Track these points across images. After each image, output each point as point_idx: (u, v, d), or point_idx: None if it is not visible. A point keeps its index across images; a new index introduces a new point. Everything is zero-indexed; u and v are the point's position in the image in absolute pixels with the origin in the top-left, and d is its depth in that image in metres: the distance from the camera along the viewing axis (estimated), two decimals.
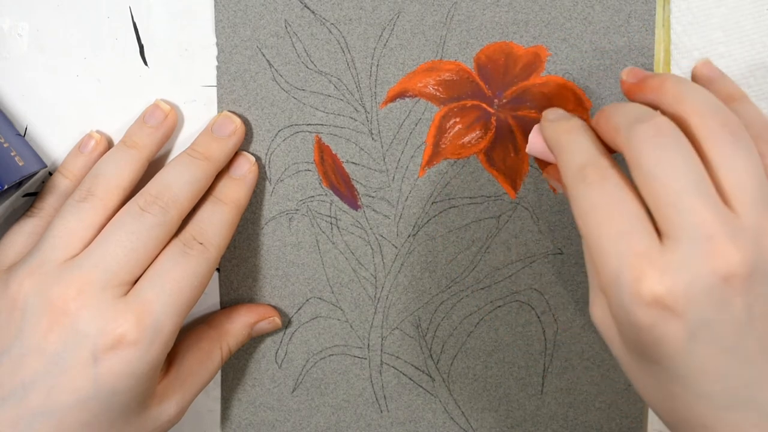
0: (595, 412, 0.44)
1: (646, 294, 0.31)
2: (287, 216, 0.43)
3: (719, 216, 0.31)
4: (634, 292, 0.31)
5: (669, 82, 0.34)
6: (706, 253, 0.30)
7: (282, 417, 0.45)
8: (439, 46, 0.41)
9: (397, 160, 0.42)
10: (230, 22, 0.41)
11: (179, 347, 0.41)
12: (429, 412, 0.45)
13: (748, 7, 0.41)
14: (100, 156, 0.41)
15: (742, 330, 0.31)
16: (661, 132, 0.32)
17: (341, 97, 0.42)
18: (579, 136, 0.35)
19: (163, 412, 0.39)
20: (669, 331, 0.31)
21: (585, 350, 0.44)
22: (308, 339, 0.44)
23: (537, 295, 0.43)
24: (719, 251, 0.30)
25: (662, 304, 0.31)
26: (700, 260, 0.30)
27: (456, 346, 0.44)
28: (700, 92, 0.34)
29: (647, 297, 0.31)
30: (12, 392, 0.35)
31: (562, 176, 0.35)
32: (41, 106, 0.43)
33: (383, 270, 0.43)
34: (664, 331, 0.31)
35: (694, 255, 0.30)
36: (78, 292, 0.36)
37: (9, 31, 0.42)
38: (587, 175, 0.33)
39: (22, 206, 0.43)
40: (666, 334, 0.31)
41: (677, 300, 0.31)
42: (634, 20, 0.41)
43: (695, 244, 0.31)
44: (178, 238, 0.38)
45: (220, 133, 0.41)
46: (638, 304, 0.31)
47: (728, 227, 0.31)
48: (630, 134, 0.33)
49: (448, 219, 0.43)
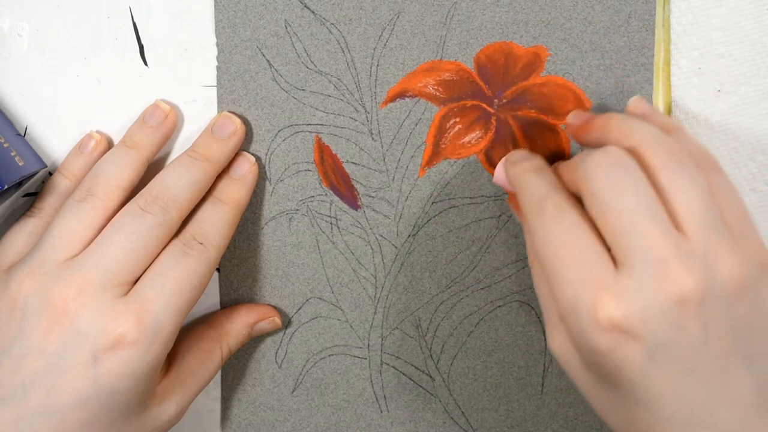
0: (595, 413, 0.44)
1: (603, 319, 0.32)
2: (287, 216, 0.43)
3: (671, 240, 0.32)
4: (591, 318, 0.32)
5: (613, 119, 0.36)
6: (660, 277, 0.31)
7: (282, 417, 0.45)
8: (439, 46, 0.41)
9: (397, 160, 0.42)
10: (230, 22, 0.41)
11: (179, 347, 0.41)
12: (429, 412, 0.45)
13: (748, 7, 0.41)
14: (100, 156, 0.41)
15: (698, 352, 0.32)
16: (612, 160, 0.33)
17: (341, 97, 0.42)
18: (538, 174, 0.37)
19: (163, 412, 0.39)
20: (627, 355, 0.32)
21: None
22: (308, 339, 0.44)
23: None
24: (672, 275, 0.31)
25: (619, 329, 0.32)
26: (653, 285, 0.31)
27: (456, 346, 0.44)
28: (644, 125, 0.35)
29: (604, 322, 0.32)
30: (12, 392, 0.36)
31: (523, 211, 0.36)
32: (41, 106, 0.43)
33: (383, 270, 0.44)
34: (623, 355, 0.32)
35: (647, 280, 0.31)
36: (78, 292, 0.36)
37: (9, 31, 0.42)
38: (545, 208, 0.35)
39: (22, 206, 0.43)
40: (625, 357, 0.32)
41: (633, 324, 0.31)
42: (634, 20, 0.41)
43: (648, 268, 0.31)
44: (178, 238, 0.38)
45: (220, 133, 0.41)
46: (596, 330, 0.32)
47: (680, 251, 0.32)
48: (583, 166, 0.34)
49: (448, 219, 0.43)
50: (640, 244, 0.32)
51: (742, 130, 0.41)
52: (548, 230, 0.34)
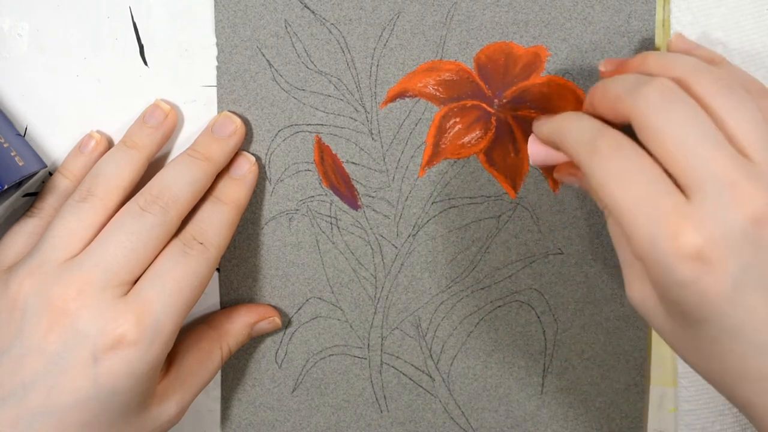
0: (595, 412, 0.44)
1: (686, 247, 0.31)
2: (287, 216, 0.43)
3: (738, 163, 0.31)
4: (673, 249, 0.31)
5: (650, 56, 0.35)
6: (733, 200, 0.31)
7: (282, 417, 0.45)
8: (439, 46, 0.41)
9: (397, 160, 0.42)
10: (230, 22, 0.41)
11: (179, 347, 0.41)
12: (429, 412, 0.45)
13: (748, 7, 0.41)
14: (101, 156, 0.41)
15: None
16: (666, 91, 0.33)
17: (341, 97, 0.42)
18: (579, 118, 0.36)
19: (163, 412, 0.39)
20: (713, 283, 0.31)
21: (585, 350, 0.44)
22: (308, 339, 0.44)
23: (537, 295, 0.43)
24: (745, 197, 0.31)
25: (703, 257, 0.31)
26: (729, 208, 0.31)
27: (456, 346, 0.44)
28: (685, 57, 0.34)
29: (688, 250, 0.31)
30: (12, 392, 0.35)
31: (574, 157, 0.35)
32: (41, 106, 0.43)
33: (383, 270, 0.44)
34: (709, 284, 0.31)
35: (722, 204, 0.31)
36: (78, 292, 0.36)
37: (9, 31, 0.42)
38: (599, 147, 0.33)
39: (22, 206, 0.43)
40: (710, 286, 0.31)
41: (717, 249, 0.31)
42: (634, 20, 0.41)
43: (721, 193, 0.31)
44: (178, 238, 0.38)
45: (220, 133, 0.41)
46: (680, 261, 0.31)
47: (748, 172, 0.31)
48: (635, 99, 0.33)
49: (448, 219, 0.43)
50: (708, 170, 0.31)
51: None
52: (609, 170, 0.33)
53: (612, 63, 0.38)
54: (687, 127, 0.32)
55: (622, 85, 0.34)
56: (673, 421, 0.44)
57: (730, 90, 0.33)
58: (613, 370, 0.44)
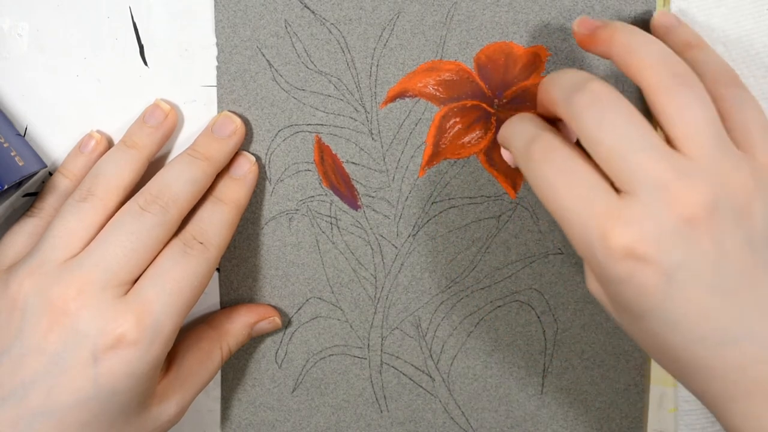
0: (595, 412, 0.44)
1: (616, 247, 0.32)
2: (287, 216, 0.43)
3: (669, 163, 0.32)
4: (605, 248, 0.32)
5: (619, 32, 0.35)
6: (665, 199, 0.31)
7: (282, 417, 0.45)
8: (439, 46, 0.41)
9: (397, 160, 0.42)
10: (230, 22, 0.41)
11: (179, 347, 0.41)
12: (429, 412, 0.45)
13: (748, 7, 0.41)
14: (101, 156, 0.41)
15: (717, 267, 0.32)
16: (597, 97, 0.33)
17: (341, 97, 0.42)
18: (520, 121, 0.36)
19: (163, 412, 0.39)
20: (647, 279, 0.32)
21: (585, 350, 0.44)
22: (308, 339, 0.44)
23: (537, 295, 0.43)
24: (676, 196, 0.31)
25: (634, 255, 0.32)
26: (659, 207, 0.31)
27: (456, 346, 0.44)
28: (649, 43, 0.34)
29: (618, 250, 0.32)
30: (12, 392, 0.35)
31: (516, 162, 0.36)
32: (41, 106, 0.43)
33: (383, 270, 0.43)
34: (643, 280, 0.32)
35: (653, 203, 0.31)
36: (78, 292, 0.36)
37: (9, 31, 0.42)
38: (533, 152, 0.34)
39: (22, 206, 0.43)
40: (645, 282, 0.32)
41: (646, 248, 0.31)
42: (634, 20, 0.41)
43: (653, 193, 0.32)
44: (178, 237, 0.38)
45: (220, 133, 0.41)
46: (612, 259, 0.32)
47: (681, 171, 0.32)
48: (569, 105, 0.34)
49: (448, 219, 0.43)
50: (639, 172, 0.32)
51: None
52: (541, 175, 0.34)
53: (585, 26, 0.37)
54: (618, 131, 0.32)
55: (559, 89, 0.35)
56: (673, 421, 0.44)
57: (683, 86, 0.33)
58: (613, 370, 0.44)
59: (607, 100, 0.33)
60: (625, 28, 0.35)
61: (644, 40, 0.35)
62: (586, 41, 0.37)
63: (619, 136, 0.32)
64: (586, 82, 0.34)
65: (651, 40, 0.35)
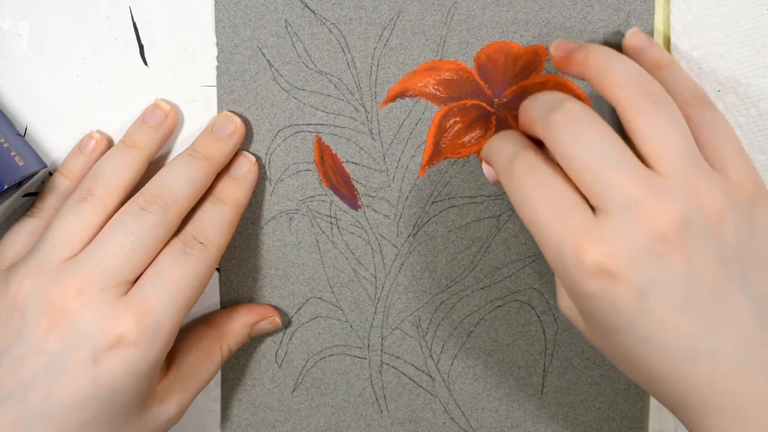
0: (595, 412, 0.44)
1: (588, 264, 0.32)
2: (287, 216, 0.43)
3: (642, 181, 0.32)
4: (577, 264, 0.33)
5: (593, 54, 0.36)
6: (636, 217, 0.32)
7: (282, 417, 0.45)
8: (439, 46, 0.41)
9: (397, 160, 0.42)
10: (230, 22, 0.41)
11: (179, 347, 0.41)
12: (429, 412, 0.45)
13: (748, 7, 0.41)
14: (101, 156, 0.41)
15: (689, 283, 0.32)
16: (572, 116, 0.34)
17: (341, 96, 0.42)
18: (503, 138, 0.37)
19: (163, 412, 0.39)
20: (619, 295, 0.32)
21: (585, 350, 0.44)
22: (308, 339, 0.44)
23: (537, 295, 0.43)
24: (648, 213, 0.32)
25: (605, 272, 0.32)
26: (631, 225, 0.32)
27: (456, 346, 0.44)
28: (622, 64, 0.35)
29: (590, 266, 0.32)
30: (12, 392, 0.35)
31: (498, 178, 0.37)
32: (41, 106, 0.43)
33: (383, 270, 0.43)
34: (615, 296, 0.32)
35: (625, 221, 0.32)
36: (78, 292, 0.36)
37: (9, 31, 0.42)
38: (514, 169, 0.35)
39: (22, 206, 0.43)
40: (617, 298, 0.32)
41: (618, 265, 0.32)
42: (633, 19, 0.41)
43: (625, 211, 0.32)
44: (178, 237, 0.38)
45: (220, 133, 0.41)
46: (584, 275, 0.33)
47: (653, 189, 0.32)
48: (545, 125, 0.35)
49: (448, 219, 0.43)
50: (612, 191, 0.32)
51: (741, 130, 0.41)
52: (521, 191, 0.35)
53: (561, 48, 0.38)
54: (591, 149, 0.33)
55: (537, 109, 0.35)
56: (673, 421, 0.44)
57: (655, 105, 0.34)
58: (613, 370, 0.44)
59: (582, 119, 0.34)
60: (598, 50, 0.36)
61: (617, 60, 0.35)
62: (562, 63, 0.38)
63: (592, 155, 0.33)
64: (562, 103, 0.34)
65: (624, 60, 0.35)
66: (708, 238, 0.32)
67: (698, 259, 0.32)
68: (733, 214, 0.33)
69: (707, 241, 0.32)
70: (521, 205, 0.35)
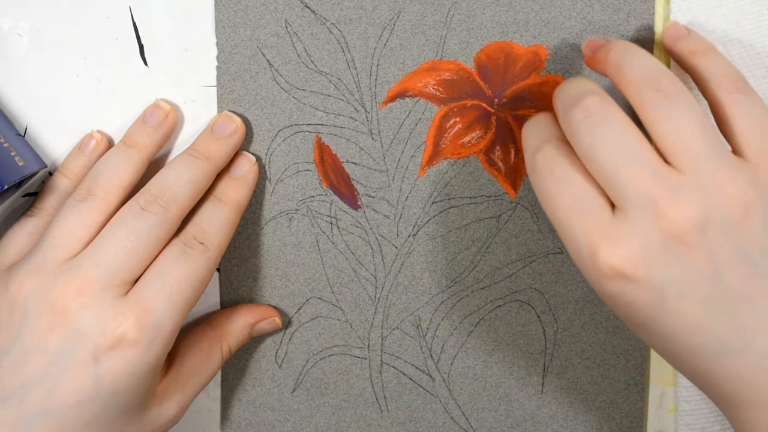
0: (595, 412, 0.44)
1: (604, 267, 0.32)
2: (287, 216, 0.43)
3: (659, 179, 0.32)
4: (594, 266, 0.32)
5: (612, 52, 0.36)
6: (653, 216, 0.32)
7: (282, 417, 0.45)
8: (439, 46, 0.41)
9: (397, 160, 0.42)
10: (230, 22, 0.41)
11: (179, 347, 0.41)
12: (429, 412, 0.45)
13: (748, 7, 0.41)
14: (101, 156, 0.41)
15: (712, 280, 0.32)
16: (590, 113, 0.33)
17: (341, 97, 0.42)
18: (531, 129, 0.37)
19: (163, 412, 0.39)
20: (638, 297, 0.32)
21: (585, 350, 0.44)
22: (308, 339, 0.44)
23: (537, 295, 0.43)
24: (664, 212, 0.31)
25: (622, 274, 0.32)
26: (648, 225, 0.32)
27: (456, 346, 0.44)
28: (637, 60, 0.35)
29: (606, 270, 0.32)
30: (12, 392, 0.35)
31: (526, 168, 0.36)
32: (41, 106, 0.43)
33: (383, 270, 0.44)
34: (634, 297, 0.32)
35: (641, 221, 0.32)
36: (78, 292, 0.36)
37: (9, 31, 0.42)
38: (537, 163, 0.35)
39: (22, 206, 0.43)
40: (636, 299, 0.32)
41: (635, 268, 0.32)
42: (633, 19, 0.41)
43: (641, 210, 0.32)
44: (178, 237, 0.38)
45: (220, 132, 0.41)
46: (601, 278, 0.32)
47: (670, 187, 0.32)
48: (566, 120, 0.34)
49: (448, 219, 0.43)
50: (629, 189, 0.32)
51: None
52: (542, 185, 0.34)
53: (590, 47, 0.38)
54: (607, 149, 0.33)
55: (561, 101, 0.35)
56: (673, 421, 0.44)
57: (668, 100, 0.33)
58: (613, 369, 0.44)
59: (601, 115, 0.33)
60: (617, 47, 0.36)
61: (632, 56, 0.35)
62: (590, 62, 0.38)
63: (609, 152, 0.33)
64: (582, 97, 0.34)
65: (639, 56, 0.35)
66: (731, 233, 0.32)
67: (721, 256, 0.32)
68: (762, 206, 0.32)
69: (730, 237, 0.32)
70: (542, 200, 0.34)
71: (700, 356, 0.32)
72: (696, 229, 0.31)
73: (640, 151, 0.32)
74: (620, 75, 0.35)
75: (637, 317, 0.33)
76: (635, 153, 0.32)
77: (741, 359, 0.32)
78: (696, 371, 0.33)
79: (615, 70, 0.35)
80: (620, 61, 0.35)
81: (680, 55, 0.38)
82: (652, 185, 0.32)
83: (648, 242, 0.32)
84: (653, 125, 0.33)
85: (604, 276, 0.32)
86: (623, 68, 0.35)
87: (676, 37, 0.39)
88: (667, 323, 0.32)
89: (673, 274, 0.32)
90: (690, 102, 0.33)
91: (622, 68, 0.35)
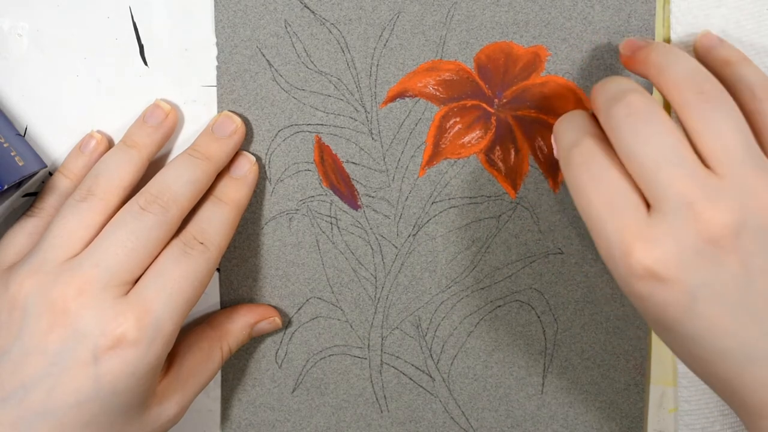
0: (595, 412, 0.44)
1: (636, 267, 0.32)
2: (287, 216, 0.43)
3: (698, 182, 0.32)
4: (626, 266, 0.32)
5: (653, 53, 0.36)
6: (689, 219, 0.31)
7: (282, 417, 0.45)
8: (439, 46, 0.41)
9: (397, 160, 0.42)
10: (230, 22, 0.41)
11: (179, 347, 0.41)
12: (429, 412, 0.45)
13: (749, 7, 0.41)
14: (101, 156, 0.41)
15: (743, 286, 0.32)
16: (633, 110, 0.33)
17: (341, 97, 0.42)
18: (568, 122, 0.36)
19: (163, 412, 0.39)
20: (669, 298, 0.32)
21: (585, 350, 0.44)
22: (308, 339, 0.44)
23: (537, 295, 0.43)
24: (701, 215, 0.31)
25: (654, 275, 0.32)
26: (684, 227, 0.31)
27: (456, 346, 0.44)
28: (680, 62, 0.35)
29: (638, 270, 0.32)
30: (12, 392, 0.35)
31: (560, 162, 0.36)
32: (41, 106, 0.43)
33: (383, 270, 0.44)
34: (664, 299, 0.32)
35: (678, 223, 0.32)
36: (78, 292, 0.36)
37: (9, 31, 0.42)
38: (572, 157, 0.35)
39: (22, 206, 0.43)
40: (666, 301, 0.32)
41: (668, 269, 0.32)
42: (634, 20, 0.41)
43: (678, 212, 0.32)
44: (178, 237, 0.38)
45: (220, 132, 0.41)
46: (632, 277, 0.32)
47: (708, 191, 0.32)
48: (607, 116, 0.34)
49: (448, 219, 0.43)
50: (666, 190, 0.32)
51: None
52: (577, 180, 0.34)
53: (629, 47, 0.38)
54: (649, 148, 0.32)
55: (602, 97, 0.35)
56: (673, 421, 0.44)
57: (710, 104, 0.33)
58: (613, 369, 0.44)
59: (644, 113, 0.33)
60: (658, 48, 0.36)
61: (675, 58, 0.35)
62: (629, 63, 0.37)
63: (649, 152, 0.32)
64: (625, 95, 0.34)
65: (681, 58, 0.35)
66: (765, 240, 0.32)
67: (754, 262, 0.32)
68: None
69: (764, 244, 0.32)
70: (576, 195, 0.34)
71: (725, 361, 0.32)
72: (732, 234, 0.31)
73: (682, 154, 0.32)
74: (662, 76, 0.34)
75: (666, 319, 0.33)
76: (677, 154, 0.32)
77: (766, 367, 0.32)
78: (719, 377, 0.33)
79: (657, 71, 0.35)
80: (662, 62, 0.35)
81: (714, 64, 0.38)
82: (691, 188, 0.32)
83: (683, 244, 0.31)
84: (694, 128, 0.33)
85: (636, 276, 0.32)
86: (665, 69, 0.34)
87: (710, 46, 0.39)
88: (695, 326, 0.32)
89: (706, 277, 0.31)
90: (731, 107, 0.33)
91: (664, 69, 0.34)
